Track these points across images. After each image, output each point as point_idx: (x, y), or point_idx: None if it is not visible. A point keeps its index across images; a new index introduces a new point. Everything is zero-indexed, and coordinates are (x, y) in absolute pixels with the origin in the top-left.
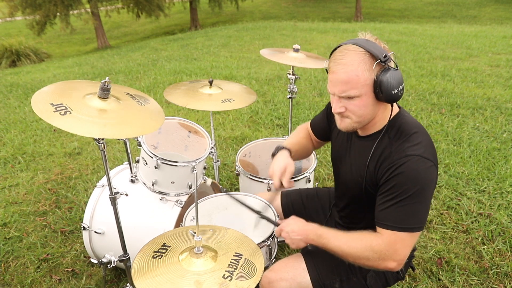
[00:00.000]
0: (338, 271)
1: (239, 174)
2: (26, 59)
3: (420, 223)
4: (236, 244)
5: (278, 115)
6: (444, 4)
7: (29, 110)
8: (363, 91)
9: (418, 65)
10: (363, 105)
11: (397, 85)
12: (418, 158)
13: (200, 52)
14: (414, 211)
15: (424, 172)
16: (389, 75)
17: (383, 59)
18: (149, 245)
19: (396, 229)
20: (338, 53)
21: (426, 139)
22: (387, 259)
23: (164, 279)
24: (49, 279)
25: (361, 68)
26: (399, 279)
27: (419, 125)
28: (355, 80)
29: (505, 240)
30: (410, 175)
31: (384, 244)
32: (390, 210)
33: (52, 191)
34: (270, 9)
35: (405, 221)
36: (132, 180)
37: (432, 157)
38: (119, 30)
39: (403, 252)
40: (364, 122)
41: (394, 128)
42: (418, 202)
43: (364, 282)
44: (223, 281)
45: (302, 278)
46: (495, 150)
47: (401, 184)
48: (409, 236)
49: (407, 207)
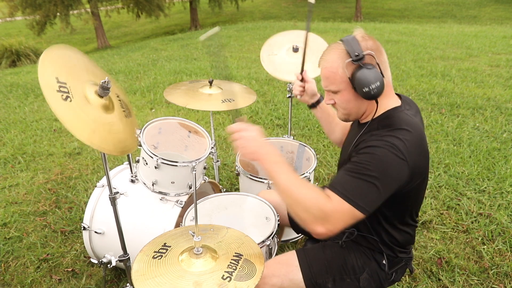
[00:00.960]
0: (332, 271)
1: (239, 174)
2: (26, 59)
3: (366, 205)
4: (237, 244)
5: (278, 115)
6: (444, 4)
7: (29, 110)
8: (342, 87)
9: (418, 65)
10: (345, 100)
11: (368, 83)
12: (391, 147)
13: (200, 52)
14: (366, 190)
15: (392, 161)
16: (360, 73)
17: (355, 58)
18: (150, 245)
19: (346, 199)
20: (326, 49)
21: (413, 140)
22: (323, 222)
23: (163, 280)
24: (49, 279)
25: (336, 65)
26: (394, 281)
27: (414, 126)
28: (333, 76)
29: (505, 240)
30: (376, 157)
31: (330, 207)
32: (346, 178)
33: (52, 191)
34: (270, 9)
35: (356, 195)
36: (132, 180)
37: (408, 156)
38: (119, 30)
39: (340, 224)
40: (353, 114)
41: (385, 119)
42: (373, 185)
43: (357, 284)
44: (222, 282)
45: (295, 275)
46: (495, 150)
47: (365, 160)
48: (351, 210)
49: (361, 182)
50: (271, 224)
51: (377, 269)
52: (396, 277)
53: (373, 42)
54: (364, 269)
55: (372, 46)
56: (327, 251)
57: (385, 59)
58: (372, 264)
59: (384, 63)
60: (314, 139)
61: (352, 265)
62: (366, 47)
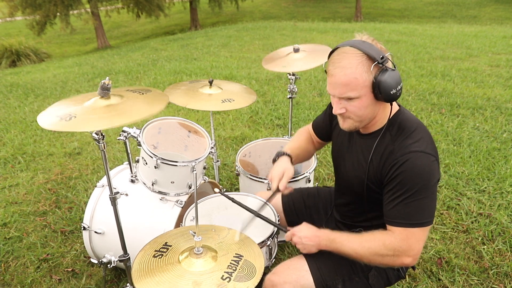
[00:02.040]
0: (341, 272)
1: (239, 174)
2: (26, 59)
3: (429, 217)
4: (237, 245)
5: (278, 115)
6: (444, 4)
7: (29, 110)
8: (362, 92)
9: (418, 65)
10: (362, 106)
11: (395, 85)
12: (421, 154)
13: (200, 52)
14: (422, 206)
15: (428, 167)
16: (387, 76)
17: (381, 61)
18: (151, 244)
19: (407, 225)
20: (336, 56)
21: (426, 135)
22: (401, 255)
23: (163, 279)
24: (49, 279)
25: (359, 70)
26: (400, 278)
27: (418, 122)
28: (354, 82)
29: (505, 240)
30: (415, 171)
31: (397, 241)
32: (399, 207)
33: (52, 191)
34: (270, 9)
35: (414, 216)
36: (132, 180)
37: (433, 152)
38: (119, 30)
39: (417, 246)
40: (365, 121)
41: (395, 125)
42: (425, 197)
43: (366, 281)
44: (221, 282)
45: (306, 280)
46: (495, 150)
47: (406, 180)
48: (420, 230)
49: (415, 202)
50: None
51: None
52: (401, 274)
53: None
54: (372, 267)
55: (382, 48)
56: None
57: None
58: None
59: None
60: None
61: (360, 264)
62: (382, 49)
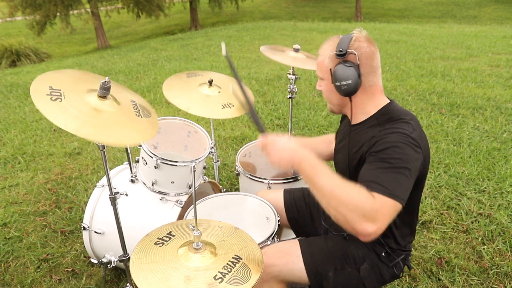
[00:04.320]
0: (333, 260)
1: (239, 174)
2: (26, 59)
3: (404, 197)
4: (239, 246)
5: (278, 115)
6: (444, 4)
7: (29, 110)
8: (325, 76)
9: (418, 65)
10: (326, 89)
11: (341, 78)
12: (405, 136)
13: (200, 52)
14: (401, 181)
15: (409, 148)
16: (337, 68)
17: (338, 53)
18: (156, 231)
19: (388, 194)
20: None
21: (418, 128)
22: (370, 220)
23: (157, 267)
24: (49, 279)
25: (325, 55)
26: (395, 277)
27: (411, 115)
28: (321, 65)
29: (505, 240)
30: (397, 150)
31: (376, 204)
32: (379, 174)
33: (52, 191)
34: (270, 9)
35: (394, 188)
36: (132, 180)
37: (420, 142)
38: (119, 30)
39: (387, 220)
40: (334, 106)
41: (384, 115)
42: (404, 176)
43: (357, 273)
44: (212, 282)
45: (295, 265)
46: (495, 150)
47: (389, 154)
48: (394, 205)
49: (395, 175)
50: (272, 224)
51: (377, 261)
52: (396, 272)
53: (367, 45)
54: (365, 260)
55: (363, 48)
56: (329, 242)
57: (375, 64)
58: (372, 256)
59: (370, 67)
60: None
61: (353, 255)
62: (355, 47)
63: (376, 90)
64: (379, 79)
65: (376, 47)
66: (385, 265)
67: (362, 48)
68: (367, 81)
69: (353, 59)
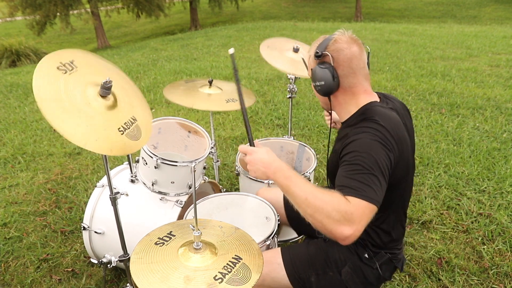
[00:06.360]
0: (314, 266)
1: (239, 174)
2: (26, 59)
3: (377, 198)
4: (240, 247)
5: (278, 115)
6: (444, 4)
7: (29, 110)
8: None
9: (418, 65)
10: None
11: (314, 78)
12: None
13: (200, 52)
14: (370, 182)
15: (377, 146)
16: (315, 68)
17: (314, 54)
18: (156, 231)
19: (361, 196)
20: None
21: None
22: (347, 222)
23: (157, 267)
24: (49, 279)
25: (309, 54)
26: (382, 279)
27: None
28: (307, 62)
29: (505, 240)
30: (364, 145)
31: (351, 207)
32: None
33: (52, 191)
34: (270, 9)
35: (366, 190)
36: (132, 180)
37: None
38: (119, 30)
39: (364, 222)
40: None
41: (361, 115)
42: (372, 174)
43: (339, 277)
44: (212, 282)
45: (277, 273)
46: (495, 150)
47: (354, 156)
48: (369, 207)
49: (363, 176)
50: (271, 224)
51: (360, 263)
52: (384, 274)
53: (347, 47)
54: (346, 263)
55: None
56: (311, 247)
57: (355, 65)
58: (354, 258)
59: (349, 68)
60: (314, 139)
61: (335, 258)
62: (332, 49)
63: (357, 90)
64: (362, 80)
65: (361, 48)
66: (369, 266)
67: (340, 50)
68: (346, 82)
69: (329, 61)
